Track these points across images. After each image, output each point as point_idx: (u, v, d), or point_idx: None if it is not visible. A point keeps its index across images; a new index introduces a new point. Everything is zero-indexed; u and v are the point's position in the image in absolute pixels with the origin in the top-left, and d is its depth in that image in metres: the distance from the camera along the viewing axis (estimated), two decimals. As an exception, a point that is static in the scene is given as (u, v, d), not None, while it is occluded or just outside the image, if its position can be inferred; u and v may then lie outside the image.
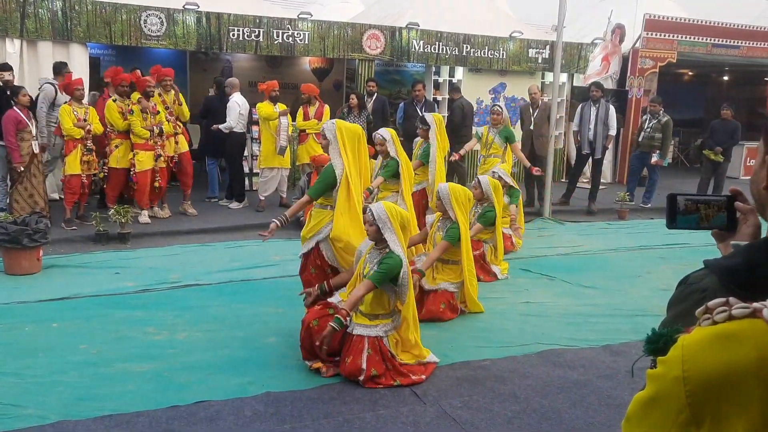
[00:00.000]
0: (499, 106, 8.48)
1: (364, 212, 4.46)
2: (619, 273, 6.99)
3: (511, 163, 8.80)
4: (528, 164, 8.96)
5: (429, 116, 7.10)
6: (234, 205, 9.32)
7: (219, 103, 9.43)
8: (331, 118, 6.91)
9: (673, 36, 12.63)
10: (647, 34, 12.41)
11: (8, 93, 7.54)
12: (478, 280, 6.25)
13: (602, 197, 10.78)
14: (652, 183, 10.77)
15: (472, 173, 9.89)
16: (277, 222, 4.71)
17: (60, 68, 8.34)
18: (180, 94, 8.86)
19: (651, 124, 10.54)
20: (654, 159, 10.47)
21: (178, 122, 8.70)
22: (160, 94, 8.45)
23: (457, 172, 9.94)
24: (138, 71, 8.53)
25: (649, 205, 10.64)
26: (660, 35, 12.52)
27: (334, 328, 4.01)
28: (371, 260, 4.24)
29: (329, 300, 4.37)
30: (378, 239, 4.22)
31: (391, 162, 6.34)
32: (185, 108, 8.84)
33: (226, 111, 8.99)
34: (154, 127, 8.08)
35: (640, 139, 10.68)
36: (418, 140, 7.52)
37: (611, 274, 6.92)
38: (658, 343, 1.05)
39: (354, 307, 4.16)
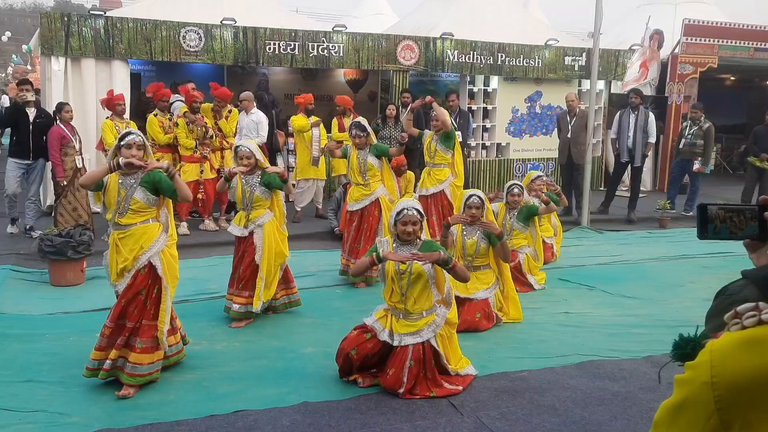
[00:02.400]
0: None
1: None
2: (660, 283, 6.85)
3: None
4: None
5: (364, 121, 6.70)
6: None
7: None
8: None
9: (714, 41, 12.39)
10: (687, 39, 12.20)
11: (25, 110, 7.81)
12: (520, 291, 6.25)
13: (642, 205, 10.59)
14: (694, 191, 10.55)
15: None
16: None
17: (262, 98, 9.30)
18: (234, 110, 8.88)
19: (692, 131, 10.34)
20: (696, 166, 10.27)
21: (226, 139, 8.79)
22: (213, 109, 8.58)
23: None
24: (190, 85, 8.65)
25: (691, 213, 10.41)
26: (700, 40, 12.29)
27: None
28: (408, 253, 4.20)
29: (366, 322, 4.33)
30: (414, 237, 4.24)
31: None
32: (232, 123, 8.89)
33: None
34: (203, 127, 8.21)
35: (680, 146, 10.49)
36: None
37: (652, 284, 6.78)
38: (685, 349, 1.03)
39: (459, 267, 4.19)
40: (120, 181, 4.17)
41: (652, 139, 10.06)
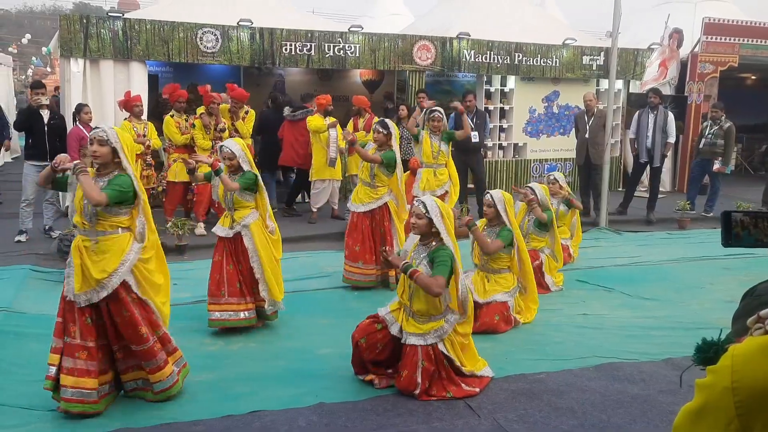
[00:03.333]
0: (438, 111, 7.38)
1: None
2: (680, 284, 6.77)
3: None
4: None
5: (389, 122, 6.56)
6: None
7: (274, 118, 9.63)
8: None
9: (735, 39, 12.24)
10: (707, 38, 12.06)
11: (40, 113, 7.83)
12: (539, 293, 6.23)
13: (662, 206, 10.49)
14: (714, 191, 10.42)
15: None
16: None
17: (307, 98, 9.46)
18: (251, 111, 8.93)
19: (712, 131, 10.23)
20: (716, 166, 10.15)
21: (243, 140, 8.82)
22: (230, 110, 8.63)
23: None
24: (208, 86, 8.70)
25: (711, 214, 10.29)
26: (720, 39, 12.15)
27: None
28: (418, 256, 4.17)
29: (379, 313, 4.32)
30: (427, 233, 4.17)
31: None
32: (249, 124, 8.93)
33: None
34: (220, 125, 8.23)
35: (700, 146, 10.37)
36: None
37: (672, 286, 6.71)
38: (708, 353, 1.01)
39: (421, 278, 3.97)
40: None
41: (672, 139, 9.96)
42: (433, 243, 4.17)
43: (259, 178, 5.16)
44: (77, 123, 7.88)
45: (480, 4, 12.62)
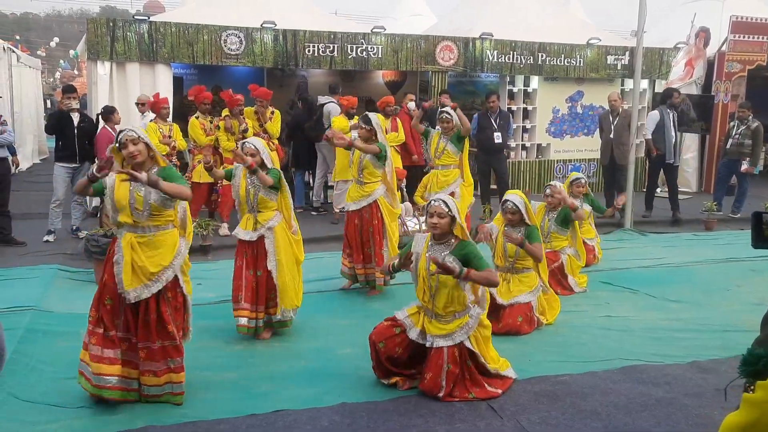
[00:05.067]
0: (446, 112, 7.13)
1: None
2: (706, 286, 6.67)
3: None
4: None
5: (373, 116, 6.34)
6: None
7: (307, 118, 9.73)
8: None
9: (763, 38, 12.04)
10: (734, 36, 11.87)
11: (70, 116, 7.98)
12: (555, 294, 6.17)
13: (688, 207, 10.35)
14: (741, 192, 10.27)
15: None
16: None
17: (336, 89, 9.61)
18: (276, 112, 9.00)
19: (740, 131, 10.08)
20: (744, 167, 10.00)
21: (272, 140, 8.89)
22: (256, 112, 8.69)
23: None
24: (230, 90, 8.77)
25: (739, 215, 10.14)
26: (748, 37, 11.95)
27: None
28: (439, 255, 4.01)
29: (397, 316, 4.29)
30: (447, 232, 4.11)
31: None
32: (276, 125, 8.99)
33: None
34: (242, 126, 8.29)
35: (728, 147, 10.23)
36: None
37: (698, 288, 6.61)
38: (756, 365, 0.98)
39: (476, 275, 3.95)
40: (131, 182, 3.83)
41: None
42: (453, 241, 4.11)
43: (282, 175, 5.12)
44: (105, 125, 7.99)
45: (503, 4, 12.56)
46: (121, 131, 3.88)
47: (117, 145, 3.84)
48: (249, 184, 5.00)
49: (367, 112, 6.55)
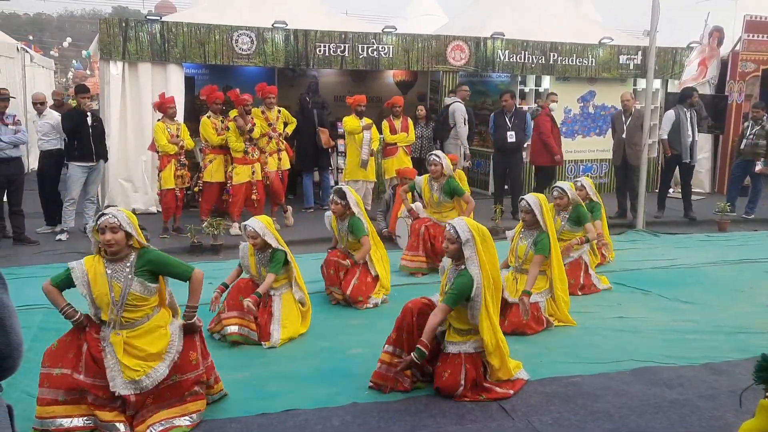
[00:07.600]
0: (435, 155, 6.94)
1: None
2: (719, 288, 6.62)
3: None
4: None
5: (347, 190, 5.96)
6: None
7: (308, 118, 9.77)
8: None
9: (777, 37, 11.94)
10: (748, 36, 11.78)
11: (85, 116, 8.01)
12: (583, 293, 6.19)
13: (701, 208, 10.28)
14: (755, 193, 10.19)
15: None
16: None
17: (455, 90, 9.89)
18: (284, 111, 9.05)
19: (754, 131, 10.01)
20: (758, 167, 9.93)
21: (282, 139, 8.92)
22: (263, 111, 8.73)
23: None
24: (237, 90, 8.82)
25: (753, 216, 10.06)
26: (762, 37, 11.86)
27: (414, 359, 3.98)
28: (450, 278, 4.19)
29: (434, 299, 4.27)
30: (457, 257, 4.14)
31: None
32: (291, 125, 9.04)
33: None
34: (248, 126, 8.32)
35: (742, 147, 10.16)
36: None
37: (711, 289, 6.56)
38: None
39: (431, 335, 4.02)
40: (108, 271, 3.50)
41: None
42: (462, 267, 4.11)
43: (289, 253, 5.07)
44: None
45: (514, 4, 12.53)
46: (102, 214, 3.54)
47: (95, 225, 3.54)
48: (257, 261, 5.09)
49: (340, 185, 6.22)
